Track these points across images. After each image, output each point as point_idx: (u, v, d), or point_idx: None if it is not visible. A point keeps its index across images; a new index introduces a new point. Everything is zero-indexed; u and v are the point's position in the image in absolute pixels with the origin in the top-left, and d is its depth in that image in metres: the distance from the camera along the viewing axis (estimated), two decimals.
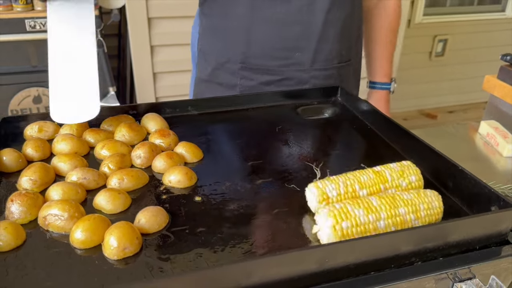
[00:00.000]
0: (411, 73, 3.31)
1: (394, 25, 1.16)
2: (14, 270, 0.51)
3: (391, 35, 1.16)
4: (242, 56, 1.04)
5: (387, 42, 1.16)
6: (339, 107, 0.96)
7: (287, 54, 1.03)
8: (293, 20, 0.99)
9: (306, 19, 0.99)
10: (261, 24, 1.00)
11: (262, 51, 1.03)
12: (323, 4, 0.99)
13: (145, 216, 0.57)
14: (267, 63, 1.04)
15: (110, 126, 0.81)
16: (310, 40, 1.02)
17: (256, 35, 1.01)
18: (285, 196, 0.65)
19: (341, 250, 0.49)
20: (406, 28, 2.81)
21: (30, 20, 1.75)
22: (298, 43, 1.02)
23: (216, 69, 1.09)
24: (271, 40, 1.01)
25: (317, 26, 1.00)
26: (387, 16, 1.15)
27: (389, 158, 0.75)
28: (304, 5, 0.98)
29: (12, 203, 0.58)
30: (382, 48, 1.17)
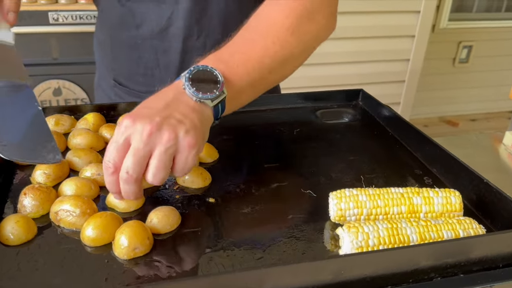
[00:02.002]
0: (433, 79, 3.25)
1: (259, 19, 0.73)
2: (24, 265, 0.50)
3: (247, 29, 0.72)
4: (113, 73, 0.98)
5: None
6: (359, 112, 0.94)
7: (148, 81, 0.93)
8: (148, 45, 0.89)
9: (162, 46, 0.88)
10: (120, 46, 0.93)
11: (127, 73, 0.96)
12: (177, 30, 0.86)
13: (157, 216, 0.56)
14: (133, 87, 0.96)
15: None
16: (169, 69, 0.91)
17: (118, 55, 0.94)
18: (301, 201, 0.64)
19: (358, 262, 0.47)
20: (431, 33, 2.75)
21: (53, 13, 1.77)
22: (157, 71, 0.92)
23: (100, 76, 1.04)
24: (131, 64, 0.93)
25: (175, 54, 0.89)
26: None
27: (410, 167, 0.73)
28: (156, 30, 0.87)
29: (25, 197, 0.58)
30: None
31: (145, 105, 0.57)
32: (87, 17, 1.82)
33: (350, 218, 0.57)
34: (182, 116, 0.55)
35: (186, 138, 0.54)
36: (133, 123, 0.53)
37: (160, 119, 0.53)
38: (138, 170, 0.53)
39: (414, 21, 2.38)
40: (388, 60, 2.50)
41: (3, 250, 0.52)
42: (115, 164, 0.53)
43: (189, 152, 0.55)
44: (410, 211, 0.56)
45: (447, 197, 0.57)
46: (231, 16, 0.87)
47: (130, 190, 0.54)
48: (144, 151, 0.53)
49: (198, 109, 0.58)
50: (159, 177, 0.54)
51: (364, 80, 2.46)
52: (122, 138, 0.53)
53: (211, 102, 0.59)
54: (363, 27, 2.26)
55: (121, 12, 0.87)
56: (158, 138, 0.53)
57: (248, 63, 0.65)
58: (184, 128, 0.54)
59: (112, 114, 0.84)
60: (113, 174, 0.54)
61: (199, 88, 0.58)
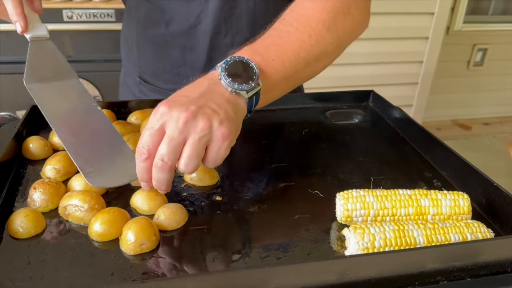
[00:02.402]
0: (446, 82, 3.22)
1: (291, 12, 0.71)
2: (33, 258, 0.51)
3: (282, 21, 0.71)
4: (139, 70, 0.98)
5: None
6: (369, 113, 0.93)
7: (175, 79, 0.94)
8: (176, 43, 0.90)
9: (190, 43, 0.89)
10: (147, 43, 0.93)
11: (153, 70, 0.96)
12: (206, 28, 0.87)
13: (165, 213, 0.56)
14: (158, 84, 0.97)
15: (137, 119, 0.81)
16: (195, 67, 0.92)
17: (145, 52, 0.95)
18: (308, 201, 0.63)
19: (363, 263, 0.47)
20: (445, 35, 2.72)
21: (68, 11, 1.78)
22: (183, 69, 0.93)
23: (126, 74, 1.05)
24: (158, 61, 0.94)
25: (202, 52, 0.89)
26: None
27: (420, 170, 0.72)
28: (184, 28, 0.88)
29: (35, 191, 0.59)
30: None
31: (181, 93, 0.57)
32: (101, 15, 1.84)
33: (357, 219, 0.57)
34: (217, 106, 0.55)
35: (220, 128, 0.54)
36: (169, 110, 0.53)
37: (196, 108, 0.53)
38: (173, 158, 0.53)
39: (428, 23, 2.36)
40: (401, 61, 2.48)
41: (12, 243, 0.53)
42: (149, 150, 0.53)
43: (222, 143, 0.54)
44: (418, 213, 0.56)
45: (456, 199, 0.56)
46: (259, 15, 0.88)
47: (163, 178, 0.54)
48: (179, 138, 0.52)
49: (233, 100, 0.57)
50: (191, 166, 0.54)
51: (377, 82, 2.45)
52: (158, 125, 0.53)
53: (246, 93, 0.58)
54: (376, 28, 2.25)
55: (150, 9, 0.88)
56: (193, 126, 0.52)
57: (284, 56, 0.64)
58: (218, 118, 0.54)
59: (123, 111, 0.85)
60: (146, 160, 0.54)
61: (235, 79, 0.57)
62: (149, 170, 0.54)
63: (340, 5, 0.69)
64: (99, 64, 1.91)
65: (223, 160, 0.56)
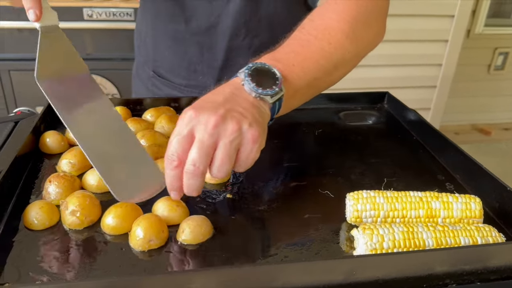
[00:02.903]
0: (466, 86, 3.17)
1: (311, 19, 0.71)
2: (46, 249, 0.52)
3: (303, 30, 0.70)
4: (154, 64, 0.99)
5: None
6: (384, 115, 0.93)
7: (191, 75, 0.95)
8: (194, 41, 0.90)
9: (208, 42, 0.90)
10: (165, 38, 0.94)
11: (168, 65, 0.97)
12: (225, 28, 0.87)
13: (189, 226, 0.54)
14: (173, 79, 0.97)
15: (152, 116, 0.82)
16: (212, 66, 0.92)
17: (161, 47, 0.95)
18: (318, 201, 0.63)
19: (370, 263, 0.47)
20: (465, 38, 2.69)
21: (88, 9, 1.81)
22: (200, 66, 0.93)
23: (139, 66, 1.05)
24: (174, 56, 0.95)
25: (220, 52, 0.90)
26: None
27: (433, 173, 0.72)
28: (204, 27, 0.88)
29: (50, 184, 0.60)
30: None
31: (205, 100, 0.56)
32: (120, 14, 1.86)
33: (367, 220, 0.57)
34: (243, 109, 0.55)
35: (250, 130, 0.53)
36: (197, 115, 0.52)
37: (224, 111, 0.53)
38: (205, 162, 0.52)
39: (448, 25, 2.33)
40: (419, 64, 2.45)
41: (27, 234, 0.54)
42: (179, 157, 0.52)
43: (253, 145, 0.54)
44: (428, 215, 0.56)
45: (467, 203, 0.56)
46: (279, 19, 0.88)
47: (195, 184, 0.53)
48: (209, 142, 0.52)
49: (257, 104, 0.57)
50: (224, 169, 0.53)
51: (394, 84, 2.42)
52: (186, 130, 0.52)
53: (271, 98, 0.58)
54: (396, 30, 2.23)
55: (171, 5, 0.89)
56: (222, 129, 0.52)
57: (304, 63, 0.64)
58: (247, 121, 0.53)
59: (138, 108, 0.86)
60: (177, 167, 0.53)
61: (258, 84, 0.57)
62: (180, 177, 0.53)
63: (359, 16, 0.69)
64: (117, 62, 1.93)
65: (253, 163, 0.56)
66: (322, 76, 0.67)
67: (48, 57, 0.66)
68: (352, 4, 0.69)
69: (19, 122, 0.77)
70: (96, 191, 0.63)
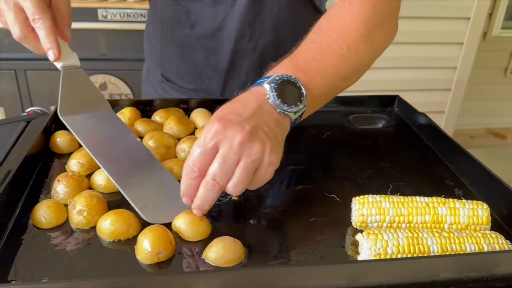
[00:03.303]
0: (482, 89, 3.13)
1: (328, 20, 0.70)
2: (53, 247, 0.53)
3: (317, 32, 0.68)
4: (161, 68, 0.99)
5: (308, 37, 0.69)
6: (394, 118, 0.92)
7: (197, 79, 0.95)
8: (200, 45, 0.91)
9: (213, 46, 0.90)
10: (171, 43, 0.94)
11: (175, 70, 0.97)
12: (230, 32, 0.87)
13: (217, 246, 0.52)
14: (181, 84, 0.98)
15: (161, 118, 0.83)
16: (218, 69, 0.92)
17: (168, 52, 0.96)
18: (324, 205, 0.63)
19: (373, 269, 0.47)
20: (481, 41, 2.65)
21: (103, 10, 1.83)
22: (205, 70, 0.94)
23: (149, 70, 1.06)
24: (180, 61, 0.95)
25: (225, 55, 0.90)
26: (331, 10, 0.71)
27: (442, 178, 0.71)
28: (209, 31, 0.88)
29: (58, 184, 0.61)
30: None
31: (231, 111, 0.55)
32: (134, 15, 1.88)
33: (372, 225, 0.57)
34: (268, 128, 0.54)
35: (271, 154, 0.53)
36: (224, 129, 0.52)
37: (250, 128, 0.52)
38: (224, 178, 0.52)
39: (464, 28, 2.30)
40: (434, 67, 2.43)
41: (35, 232, 0.55)
42: (200, 168, 0.52)
43: (268, 168, 0.54)
44: (434, 221, 0.55)
45: (474, 209, 0.55)
46: (283, 20, 0.88)
47: (211, 198, 0.53)
48: (232, 159, 0.51)
49: (280, 121, 0.57)
50: (240, 188, 0.53)
51: (408, 87, 2.40)
52: (211, 143, 0.52)
53: (294, 114, 0.58)
54: (410, 32, 2.21)
55: (176, 10, 0.90)
56: (247, 148, 0.52)
57: (325, 72, 0.63)
58: (270, 144, 0.53)
59: (148, 109, 0.87)
60: (196, 178, 0.53)
61: (284, 100, 0.57)
62: (196, 187, 0.53)
63: (375, 17, 0.68)
64: (131, 62, 1.95)
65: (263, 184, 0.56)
66: (341, 83, 0.67)
67: (70, 94, 0.68)
68: (366, 4, 0.68)
69: (31, 121, 0.78)
70: (104, 191, 0.63)
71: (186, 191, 0.54)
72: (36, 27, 0.64)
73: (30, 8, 0.62)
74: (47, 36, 0.64)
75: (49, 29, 0.64)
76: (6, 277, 0.48)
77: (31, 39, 0.65)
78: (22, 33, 0.64)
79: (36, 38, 0.65)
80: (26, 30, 0.64)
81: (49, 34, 0.64)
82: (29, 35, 0.65)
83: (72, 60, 0.70)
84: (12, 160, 0.64)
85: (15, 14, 0.63)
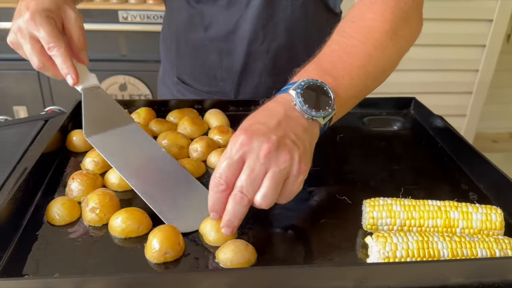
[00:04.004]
0: (504, 92, 3.06)
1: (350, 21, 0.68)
2: (66, 244, 0.54)
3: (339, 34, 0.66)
4: (177, 71, 1.00)
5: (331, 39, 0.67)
6: (410, 121, 0.91)
7: (211, 81, 0.96)
8: (213, 47, 0.91)
9: (227, 48, 0.90)
10: (186, 46, 0.95)
11: (190, 72, 0.98)
12: (243, 34, 0.87)
13: (227, 248, 0.52)
14: (196, 86, 0.98)
15: (175, 118, 0.84)
16: (231, 71, 0.92)
17: (183, 54, 0.96)
18: (335, 207, 0.63)
19: (381, 272, 0.46)
20: (505, 43, 2.60)
21: (123, 12, 1.86)
22: (219, 72, 0.94)
23: (165, 72, 1.06)
24: (195, 63, 0.96)
25: (238, 57, 0.90)
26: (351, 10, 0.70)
27: (456, 181, 0.70)
28: (222, 33, 0.89)
29: (73, 181, 0.62)
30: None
31: (257, 120, 0.54)
32: (154, 17, 1.90)
33: (382, 228, 0.56)
34: (295, 136, 0.53)
35: (300, 163, 0.52)
36: (250, 141, 0.50)
37: (277, 138, 0.51)
38: (252, 190, 0.51)
39: (486, 30, 2.25)
40: (455, 69, 2.39)
41: (49, 229, 0.56)
42: (227, 182, 0.51)
43: (297, 177, 0.52)
44: (446, 225, 0.54)
45: (487, 213, 0.54)
46: (296, 22, 0.88)
47: (240, 211, 0.52)
48: (260, 170, 0.50)
49: (308, 127, 0.55)
50: (269, 199, 0.51)
51: (429, 89, 2.37)
52: (237, 155, 0.51)
53: (323, 119, 0.56)
54: (431, 34, 2.18)
55: (190, 13, 0.91)
56: (274, 158, 0.50)
57: (353, 73, 0.61)
58: (298, 152, 0.52)
59: (163, 110, 0.88)
60: (224, 191, 0.52)
61: (311, 105, 0.55)
62: (224, 201, 0.52)
63: (399, 13, 0.66)
64: (150, 64, 1.97)
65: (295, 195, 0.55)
66: (370, 84, 0.65)
67: (92, 115, 0.69)
68: (389, 1, 0.66)
69: (49, 120, 0.80)
70: (117, 189, 0.64)
71: (213, 205, 0.53)
72: (52, 55, 0.66)
73: (44, 37, 0.64)
74: (63, 62, 0.66)
75: (65, 55, 0.66)
76: (20, 271, 0.49)
77: (50, 67, 0.67)
78: (40, 63, 0.66)
79: (54, 66, 0.67)
80: (43, 59, 0.66)
81: (65, 60, 0.66)
82: (47, 63, 0.67)
83: (90, 81, 0.71)
84: (29, 158, 0.66)
85: (31, 45, 0.66)
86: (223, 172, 0.51)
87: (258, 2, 0.84)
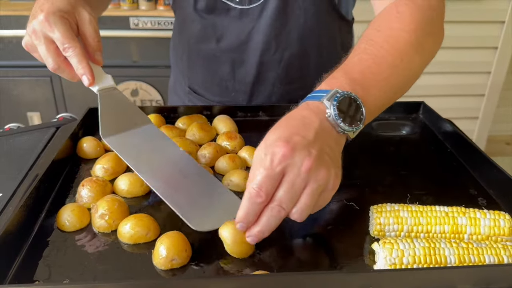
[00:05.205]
0: None
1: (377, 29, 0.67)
2: (75, 250, 0.55)
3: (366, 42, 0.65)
4: (188, 80, 1.00)
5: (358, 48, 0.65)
6: (418, 125, 0.91)
7: (223, 92, 0.96)
8: (226, 58, 0.92)
9: (239, 59, 0.91)
10: (198, 56, 0.95)
11: (201, 82, 0.98)
12: (256, 44, 0.88)
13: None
14: (208, 96, 0.99)
15: (184, 124, 0.85)
16: (244, 82, 0.93)
17: (195, 65, 0.96)
18: (343, 213, 0.63)
19: (387, 278, 0.46)
20: None
21: (134, 18, 1.88)
22: (231, 83, 0.94)
23: (176, 81, 1.06)
24: (207, 74, 0.96)
25: (251, 68, 0.91)
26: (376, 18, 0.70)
27: (465, 187, 0.69)
28: (235, 44, 0.89)
29: (83, 188, 0.63)
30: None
31: (294, 131, 0.52)
32: (165, 23, 1.92)
33: (390, 234, 0.56)
34: (330, 151, 0.53)
35: (335, 180, 0.52)
36: (291, 154, 0.49)
37: (316, 153, 0.51)
38: (291, 205, 0.51)
39: (498, 32, 2.24)
40: (467, 72, 2.37)
41: (59, 235, 0.57)
42: (267, 193, 0.50)
43: (331, 192, 0.53)
44: (454, 231, 0.54)
45: (496, 219, 0.54)
46: (309, 31, 0.88)
47: (274, 223, 0.51)
48: (300, 185, 0.50)
49: (339, 140, 0.56)
50: (305, 214, 0.52)
51: (441, 92, 2.35)
52: (278, 168, 0.49)
53: (353, 134, 0.56)
54: None
55: (203, 25, 0.91)
56: (314, 174, 0.50)
57: (380, 84, 0.60)
58: (334, 168, 0.52)
59: (172, 116, 0.89)
60: (261, 203, 0.50)
61: (345, 119, 0.54)
62: (258, 213, 0.51)
63: (424, 24, 0.65)
64: (162, 69, 1.99)
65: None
66: (393, 96, 0.64)
67: (109, 116, 0.69)
68: (415, 13, 0.65)
69: (60, 127, 0.81)
70: (126, 195, 0.65)
71: (246, 216, 0.51)
72: (68, 56, 0.65)
73: (59, 38, 0.64)
74: (79, 63, 0.65)
75: (80, 56, 0.65)
76: (31, 277, 0.50)
77: (65, 68, 0.67)
78: (56, 64, 0.66)
79: (70, 67, 0.66)
80: (58, 60, 0.66)
81: (80, 61, 0.65)
82: (62, 65, 0.66)
83: (106, 82, 0.71)
84: (40, 165, 0.67)
85: (46, 47, 0.65)
86: (263, 184, 0.50)
87: (271, 12, 0.85)
